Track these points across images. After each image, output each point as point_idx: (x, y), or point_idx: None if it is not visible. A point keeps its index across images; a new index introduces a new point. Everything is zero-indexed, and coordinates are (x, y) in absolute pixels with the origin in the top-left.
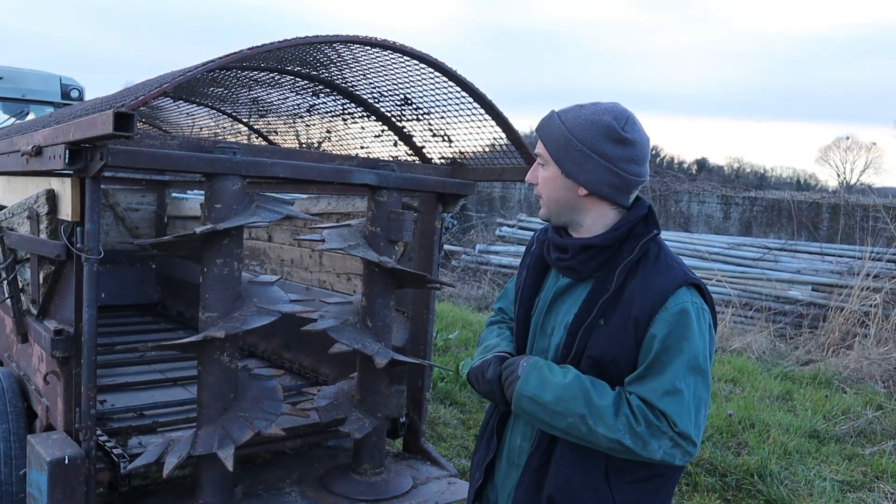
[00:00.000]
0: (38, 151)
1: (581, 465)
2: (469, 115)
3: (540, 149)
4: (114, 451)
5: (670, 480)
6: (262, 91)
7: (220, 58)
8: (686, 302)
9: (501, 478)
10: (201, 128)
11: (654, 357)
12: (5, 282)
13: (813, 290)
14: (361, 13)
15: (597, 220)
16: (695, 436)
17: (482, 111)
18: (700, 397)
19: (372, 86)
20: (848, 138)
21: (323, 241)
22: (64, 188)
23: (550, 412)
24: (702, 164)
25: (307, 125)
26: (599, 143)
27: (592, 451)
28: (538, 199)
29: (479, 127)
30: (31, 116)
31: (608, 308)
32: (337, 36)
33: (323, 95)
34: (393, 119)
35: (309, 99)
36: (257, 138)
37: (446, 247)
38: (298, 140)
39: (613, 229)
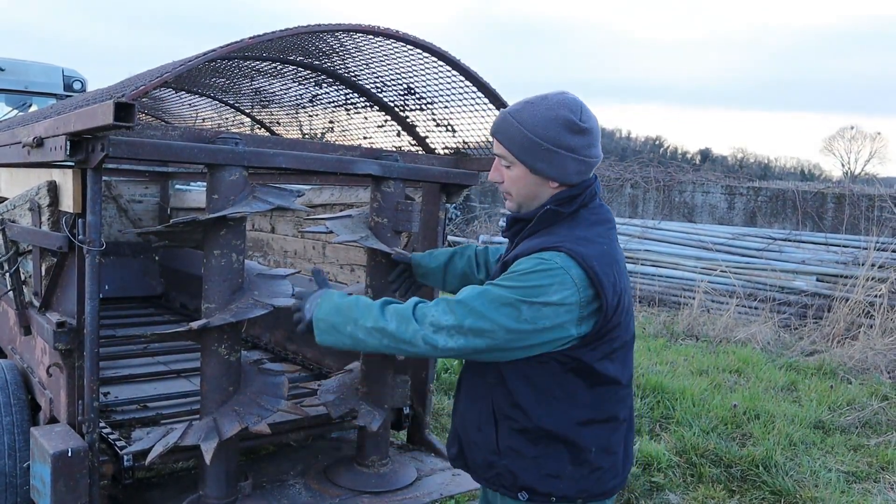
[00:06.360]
0: (39, 143)
1: (472, 408)
2: (473, 105)
3: (500, 150)
4: (117, 443)
5: (555, 440)
6: (265, 81)
7: (221, 47)
8: (536, 256)
9: None
10: (204, 119)
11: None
12: (7, 274)
13: (818, 280)
14: (361, 10)
15: None
16: (447, 321)
17: (486, 100)
18: (482, 313)
19: (375, 76)
20: (852, 128)
21: (331, 232)
22: (65, 180)
23: (336, 324)
24: (705, 154)
25: (310, 116)
26: (564, 138)
27: (480, 397)
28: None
29: (482, 117)
30: (33, 108)
31: (502, 269)
32: (339, 25)
33: (325, 85)
34: (396, 109)
35: (311, 89)
36: (260, 129)
37: (450, 237)
38: (302, 131)
39: (541, 206)
